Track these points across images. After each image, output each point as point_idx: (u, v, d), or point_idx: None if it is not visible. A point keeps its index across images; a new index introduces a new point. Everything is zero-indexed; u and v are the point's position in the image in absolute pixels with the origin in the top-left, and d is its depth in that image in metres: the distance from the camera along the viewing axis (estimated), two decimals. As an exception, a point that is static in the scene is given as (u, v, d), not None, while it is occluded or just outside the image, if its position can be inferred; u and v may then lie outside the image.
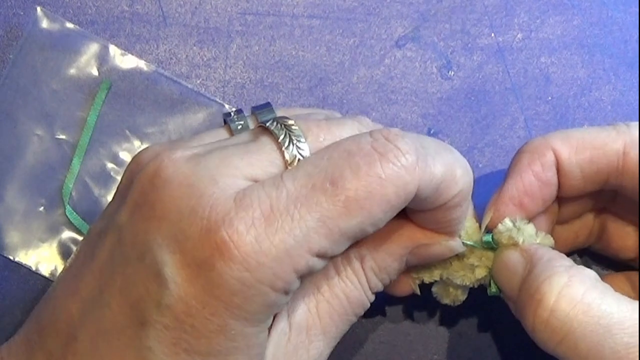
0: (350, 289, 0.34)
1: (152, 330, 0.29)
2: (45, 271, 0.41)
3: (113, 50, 0.44)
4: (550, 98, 0.45)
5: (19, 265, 0.41)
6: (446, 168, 0.31)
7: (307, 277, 0.30)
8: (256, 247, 0.28)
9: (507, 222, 0.36)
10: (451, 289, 0.38)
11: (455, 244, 0.35)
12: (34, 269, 0.41)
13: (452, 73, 0.45)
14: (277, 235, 0.28)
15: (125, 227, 0.30)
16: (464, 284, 0.37)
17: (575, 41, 0.45)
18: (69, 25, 0.43)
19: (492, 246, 0.36)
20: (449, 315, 0.42)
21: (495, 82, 0.45)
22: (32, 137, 0.42)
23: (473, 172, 0.34)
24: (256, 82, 0.44)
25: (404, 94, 0.45)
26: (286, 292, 0.29)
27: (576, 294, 0.32)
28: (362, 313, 0.35)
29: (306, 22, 0.45)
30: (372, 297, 0.35)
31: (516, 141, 0.44)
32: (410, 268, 0.36)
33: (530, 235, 0.35)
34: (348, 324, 0.35)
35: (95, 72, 0.43)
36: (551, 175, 0.36)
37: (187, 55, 0.44)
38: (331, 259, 0.30)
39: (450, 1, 0.45)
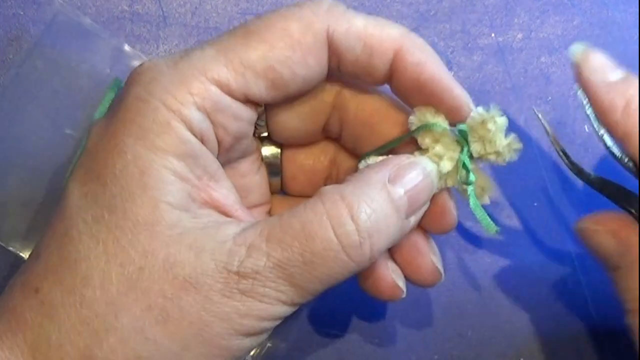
0: (309, 220, 0.30)
1: (72, 180, 0.31)
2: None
3: (127, 51, 0.43)
4: (550, 98, 0.45)
5: (9, 253, 0.41)
6: (370, 22, 0.33)
7: (213, 113, 0.31)
8: (153, 68, 0.31)
9: (481, 109, 0.33)
10: None
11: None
12: (25, 258, 0.41)
13: (452, 73, 0.44)
14: (175, 62, 0.31)
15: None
16: None
17: (575, 41, 0.45)
18: (87, 21, 0.43)
19: (462, 133, 0.33)
20: (449, 315, 0.42)
21: (495, 82, 0.45)
22: (40, 129, 0.42)
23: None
24: (256, 82, 0.44)
25: (404, 94, 0.44)
26: (186, 122, 0.30)
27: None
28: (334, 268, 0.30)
29: (306, 22, 0.45)
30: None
31: (516, 141, 0.44)
32: None
33: (502, 125, 0.33)
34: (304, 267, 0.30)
35: (107, 70, 0.43)
36: None
37: (187, 55, 0.44)
38: (254, 105, 0.33)
39: (450, 1, 0.45)
